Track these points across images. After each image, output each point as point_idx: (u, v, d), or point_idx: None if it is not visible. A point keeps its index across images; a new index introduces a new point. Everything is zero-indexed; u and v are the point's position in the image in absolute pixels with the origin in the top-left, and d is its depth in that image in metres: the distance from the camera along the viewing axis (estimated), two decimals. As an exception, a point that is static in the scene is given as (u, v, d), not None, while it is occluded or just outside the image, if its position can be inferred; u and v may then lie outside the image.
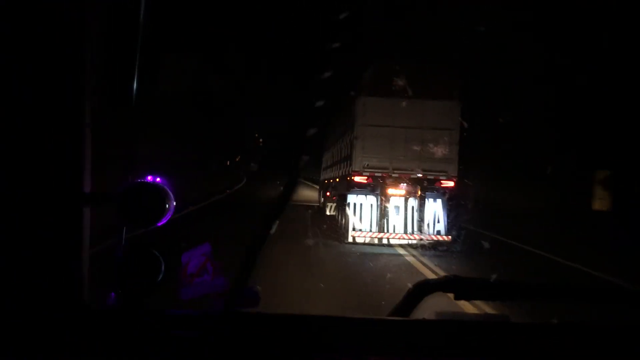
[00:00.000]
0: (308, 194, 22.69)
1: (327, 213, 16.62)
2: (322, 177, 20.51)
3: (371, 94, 12.68)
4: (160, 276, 1.35)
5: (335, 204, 15.41)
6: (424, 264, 10.20)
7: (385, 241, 12.17)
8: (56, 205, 1.29)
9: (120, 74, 1.55)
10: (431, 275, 8.88)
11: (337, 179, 15.34)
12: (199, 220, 15.27)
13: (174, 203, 1.36)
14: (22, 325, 1.26)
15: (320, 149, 20.82)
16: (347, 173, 13.35)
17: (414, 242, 12.06)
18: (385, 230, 12.17)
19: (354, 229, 12.12)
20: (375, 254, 11.23)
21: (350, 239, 12.07)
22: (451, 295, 1.55)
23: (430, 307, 1.56)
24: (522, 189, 19.45)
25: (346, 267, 9.92)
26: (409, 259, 10.88)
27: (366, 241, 12.12)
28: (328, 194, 17.34)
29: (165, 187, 1.36)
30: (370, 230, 12.15)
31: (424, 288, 1.57)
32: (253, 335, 1.35)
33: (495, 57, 19.25)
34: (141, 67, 1.44)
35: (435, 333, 1.43)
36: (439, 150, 12.36)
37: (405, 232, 12.09)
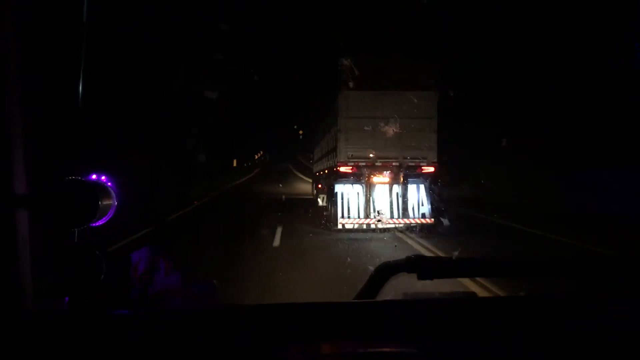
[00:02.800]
0: (303, 187, 22.69)
1: (320, 204, 16.55)
2: (314, 170, 20.46)
3: (352, 88, 12.65)
4: (102, 276, 1.20)
5: (325, 195, 15.35)
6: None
7: (372, 226, 12.12)
8: None
9: (65, 71, 1.40)
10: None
11: (326, 171, 15.31)
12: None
13: (115, 201, 1.22)
14: None
15: (311, 143, 20.78)
16: (333, 164, 13.34)
17: (400, 225, 12.03)
18: (372, 216, 12.12)
19: (342, 216, 12.07)
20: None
21: (339, 226, 12.00)
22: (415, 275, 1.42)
23: (396, 289, 1.42)
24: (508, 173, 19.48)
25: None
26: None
27: (355, 227, 12.06)
28: (319, 186, 17.32)
29: (106, 185, 1.22)
30: (358, 217, 12.10)
31: (387, 270, 1.44)
32: (209, 329, 1.21)
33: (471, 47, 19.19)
34: (86, 68, 1.29)
35: (402, 313, 1.32)
36: (419, 138, 12.37)
37: (392, 216, 12.08)
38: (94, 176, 1.24)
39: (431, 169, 12.39)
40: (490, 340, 1.17)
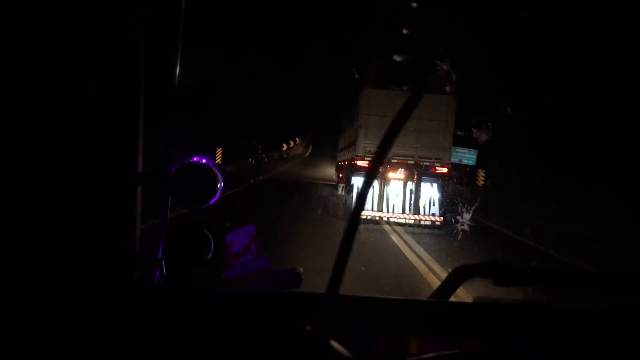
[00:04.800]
0: (330, 172, 23.02)
1: (339, 193, 16.57)
2: (337, 159, 20.49)
3: (374, 87, 12.64)
4: (210, 255, 1.19)
5: (344, 185, 15.37)
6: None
7: (385, 220, 12.11)
8: (112, 184, 1.15)
9: (160, 60, 1.39)
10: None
11: (346, 162, 15.30)
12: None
13: (222, 183, 1.21)
14: (78, 305, 1.12)
15: (338, 131, 20.77)
16: (352, 157, 13.34)
17: (411, 221, 12.01)
18: (385, 210, 12.10)
19: (356, 208, 12.05)
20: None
21: (353, 217, 11.97)
22: (490, 281, 1.39)
23: (470, 293, 1.40)
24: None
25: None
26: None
27: (368, 219, 12.02)
28: (340, 175, 17.32)
29: (214, 168, 1.21)
30: (371, 210, 12.08)
31: (463, 273, 1.41)
32: (295, 313, 1.20)
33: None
34: (182, 53, 1.28)
35: (473, 316, 1.30)
36: (435, 139, 12.33)
37: (403, 212, 12.07)
38: (195, 159, 1.24)
39: (444, 170, 12.36)
40: (561, 349, 1.15)
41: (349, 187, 12.73)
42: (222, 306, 1.21)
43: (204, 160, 1.25)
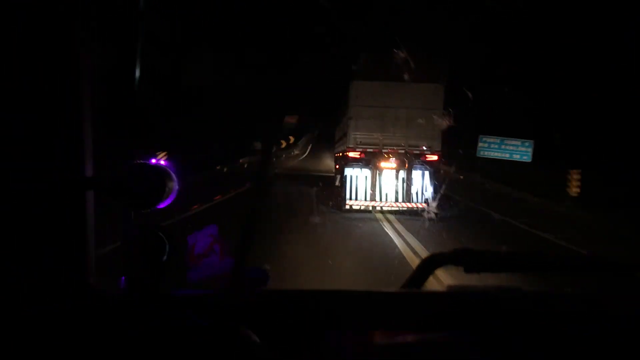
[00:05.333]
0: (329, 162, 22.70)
1: (336, 184, 16.55)
2: (334, 152, 20.46)
3: (363, 78, 12.61)
4: (165, 257, 1.14)
5: (339, 176, 15.38)
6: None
7: (378, 208, 12.11)
8: (59, 191, 1.09)
9: (122, 60, 1.33)
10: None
11: (340, 154, 15.30)
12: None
13: (177, 186, 1.16)
14: (29, 315, 1.07)
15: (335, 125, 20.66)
16: (344, 149, 13.32)
17: (404, 209, 12.00)
18: (378, 199, 12.11)
19: (350, 198, 12.09)
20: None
21: (347, 207, 12.00)
22: (461, 268, 1.35)
23: (443, 281, 1.36)
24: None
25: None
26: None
27: (361, 208, 12.07)
28: (337, 166, 17.31)
29: (168, 169, 1.16)
30: (365, 199, 12.09)
31: (434, 261, 1.37)
32: (263, 312, 1.16)
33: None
34: (143, 53, 1.23)
35: (447, 304, 1.26)
36: (424, 128, 12.30)
37: (396, 200, 12.07)
38: (153, 160, 1.19)
39: (435, 158, 12.35)
40: (534, 333, 1.11)
41: (342, 178, 12.72)
42: (185, 308, 1.17)
43: (162, 162, 1.20)
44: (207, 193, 13.16)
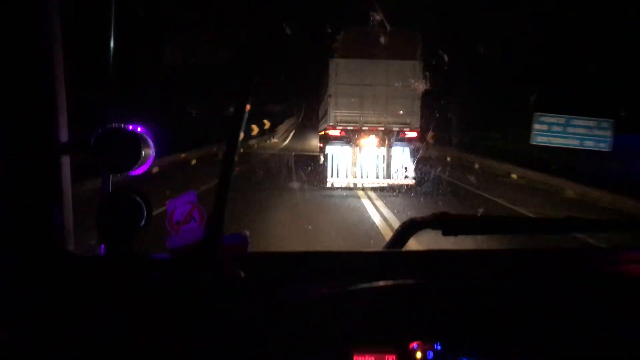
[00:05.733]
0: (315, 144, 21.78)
1: (320, 162, 16.51)
2: (318, 130, 20.35)
3: (342, 56, 12.53)
4: (143, 222, 1.12)
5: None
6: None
7: (359, 185, 12.16)
8: (34, 155, 1.07)
9: (98, 22, 1.29)
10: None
11: (322, 132, 15.27)
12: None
13: (153, 151, 1.14)
14: (7, 277, 1.05)
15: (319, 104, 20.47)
16: (325, 127, 13.30)
17: (385, 185, 12.07)
18: (359, 176, 12.15)
19: (331, 176, 12.13)
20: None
21: (329, 184, 12.03)
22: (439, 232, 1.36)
23: (421, 244, 1.37)
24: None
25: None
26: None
27: (342, 186, 12.12)
28: (321, 145, 17.26)
29: (145, 135, 1.14)
30: (346, 177, 12.13)
31: (413, 225, 1.38)
32: (245, 274, 1.15)
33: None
34: (117, 16, 1.19)
35: (425, 263, 1.28)
36: (403, 105, 12.33)
37: (377, 177, 12.13)
38: (130, 127, 1.16)
39: (414, 134, 12.41)
40: (508, 285, 1.13)
41: (324, 156, 12.73)
42: (161, 270, 1.16)
43: (138, 128, 1.17)
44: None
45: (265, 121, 29.52)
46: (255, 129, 25.09)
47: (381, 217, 8.77)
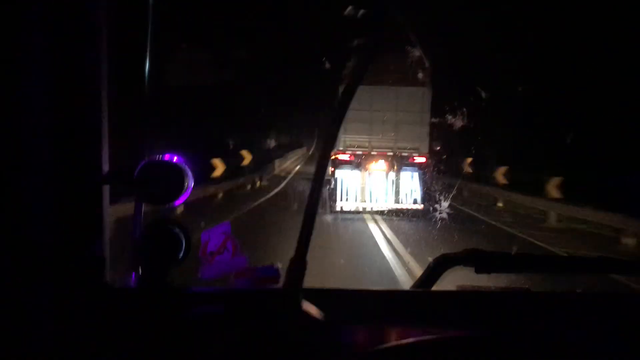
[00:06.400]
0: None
1: (331, 186, 16.47)
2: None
3: None
4: (182, 254, 1.11)
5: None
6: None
7: (368, 209, 12.13)
8: (76, 184, 1.06)
9: (133, 55, 1.30)
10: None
11: (332, 157, 15.30)
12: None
13: (192, 182, 1.13)
14: (45, 307, 1.03)
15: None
16: (335, 151, 13.33)
17: (393, 210, 12.04)
18: (368, 201, 12.13)
19: (340, 200, 12.11)
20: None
21: (338, 208, 11.99)
22: (470, 269, 1.33)
23: (453, 281, 1.34)
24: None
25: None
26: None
27: (352, 210, 12.09)
28: (332, 169, 17.29)
29: (184, 166, 1.13)
30: (355, 201, 12.10)
31: (445, 262, 1.35)
32: (275, 310, 1.13)
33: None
34: (153, 49, 1.20)
35: (457, 304, 1.24)
36: (412, 130, 12.36)
37: (386, 201, 12.12)
38: (167, 157, 1.16)
39: (422, 160, 12.42)
40: (543, 333, 1.09)
41: (334, 180, 12.74)
42: (199, 305, 1.13)
43: (174, 158, 1.16)
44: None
45: (244, 153, 17.60)
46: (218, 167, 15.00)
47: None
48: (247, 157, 17.59)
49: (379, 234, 9.62)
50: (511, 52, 17.92)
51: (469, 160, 13.76)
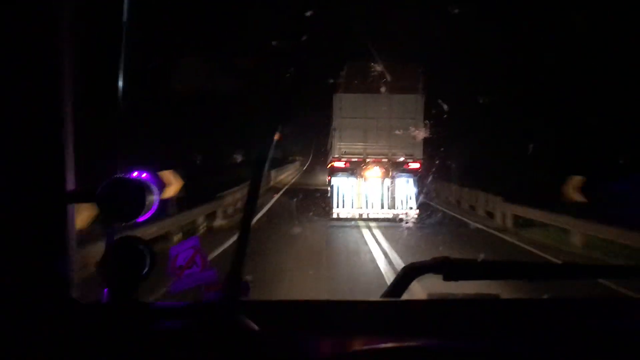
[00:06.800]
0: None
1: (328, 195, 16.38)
2: (326, 163, 20.29)
3: (346, 91, 12.70)
4: (146, 270, 1.11)
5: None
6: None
7: (365, 216, 12.12)
8: (40, 203, 1.07)
9: (105, 71, 1.30)
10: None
11: (328, 165, 15.32)
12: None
13: (157, 198, 1.13)
14: (8, 322, 1.04)
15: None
16: (331, 159, 13.36)
17: (389, 216, 12.03)
18: (364, 207, 12.13)
19: (337, 206, 12.11)
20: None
21: (334, 215, 12.00)
22: (441, 276, 1.34)
23: (422, 289, 1.34)
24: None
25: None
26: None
27: (348, 216, 12.08)
28: (329, 178, 17.21)
29: (149, 182, 1.13)
30: (351, 207, 12.11)
31: (413, 270, 1.35)
32: (246, 322, 1.13)
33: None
34: (126, 63, 1.20)
35: (426, 312, 1.24)
36: (406, 137, 12.39)
37: (382, 207, 12.11)
38: (135, 173, 1.16)
39: (417, 165, 12.45)
40: (513, 339, 1.09)
41: (330, 187, 12.75)
42: (165, 319, 1.14)
43: (144, 175, 1.17)
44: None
45: (168, 176, 9.56)
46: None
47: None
48: (172, 184, 9.58)
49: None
50: (507, 58, 17.91)
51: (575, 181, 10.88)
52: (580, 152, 14.41)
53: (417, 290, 1.35)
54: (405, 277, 1.34)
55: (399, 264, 7.02)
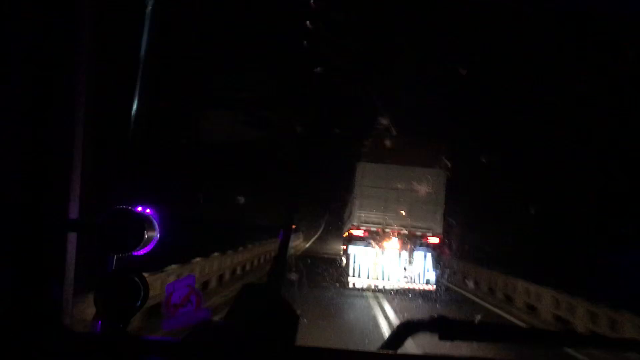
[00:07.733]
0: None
1: (343, 263, 16.06)
2: (342, 232, 20.05)
3: (368, 160, 12.81)
4: (140, 302, 1.11)
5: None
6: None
7: (380, 287, 11.84)
8: (41, 231, 1.09)
9: (119, 105, 1.36)
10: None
11: (346, 233, 15.18)
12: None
13: (158, 233, 1.15)
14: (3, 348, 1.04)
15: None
16: (349, 226, 13.27)
17: (405, 289, 11.73)
18: (380, 278, 11.88)
19: (352, 275, 11.88)
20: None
21: (350, 284, 11.76)
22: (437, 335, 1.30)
23: (416, 347, 1.31)
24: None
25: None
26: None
27: (364, 287, 11.81)
28: (344, 247, 16.90)
29: (151, 217, 1.15)
30: (367, 277, 11.87)
31: (410, 327, 1.33)
32: None
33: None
34: (141, 99, 1.26)
35: None
36: (426, 211, 12.30)
37: (398, 280, 11.86)
38: (139, 208, 1.18)
39: (436, 240, 12.25)
40: None
41: (346, 255, 12.58)
42: (153, 355, 1.12)
43: (148, 210, 1.19)
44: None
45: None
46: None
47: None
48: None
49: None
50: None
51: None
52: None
53: (411, 346, 1.32)
54: (401, 332, 1.32)
55: None
